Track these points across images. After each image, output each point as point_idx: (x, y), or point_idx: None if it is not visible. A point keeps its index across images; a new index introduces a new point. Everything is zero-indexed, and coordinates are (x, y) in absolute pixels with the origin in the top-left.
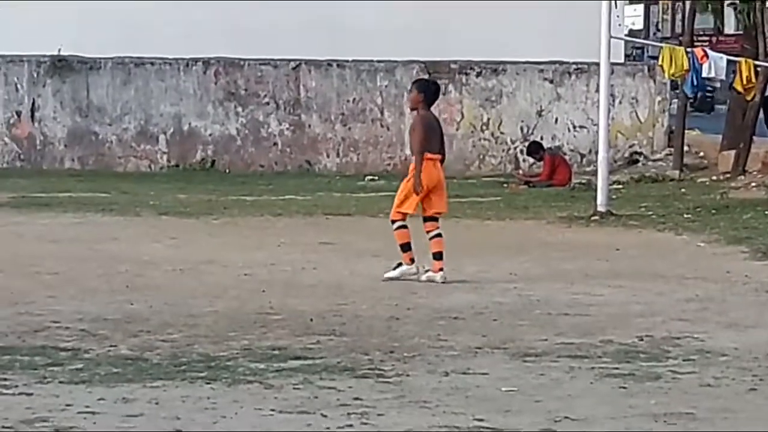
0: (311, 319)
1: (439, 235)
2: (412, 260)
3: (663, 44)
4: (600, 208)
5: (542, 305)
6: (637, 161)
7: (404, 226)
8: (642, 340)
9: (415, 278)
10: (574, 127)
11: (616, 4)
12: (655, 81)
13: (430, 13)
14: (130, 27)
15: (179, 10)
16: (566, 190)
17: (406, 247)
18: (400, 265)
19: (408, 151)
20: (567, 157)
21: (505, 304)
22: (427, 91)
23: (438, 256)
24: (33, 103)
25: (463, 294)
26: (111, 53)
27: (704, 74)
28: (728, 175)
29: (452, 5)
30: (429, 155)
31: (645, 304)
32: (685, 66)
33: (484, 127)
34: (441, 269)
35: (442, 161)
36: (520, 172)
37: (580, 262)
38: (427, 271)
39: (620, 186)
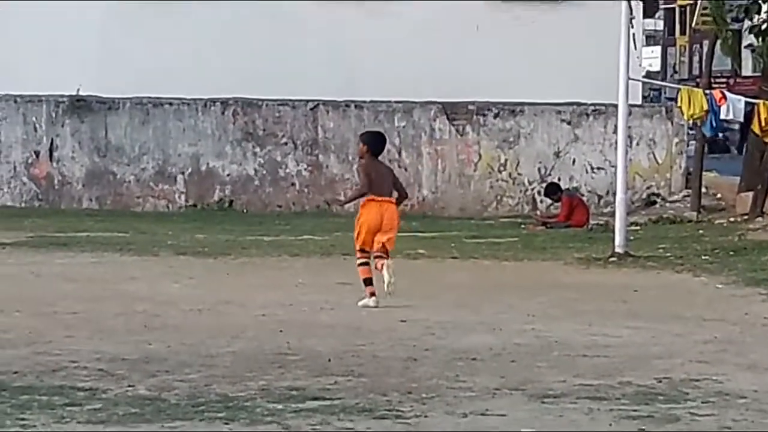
0: (329, 360)
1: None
2: (373, 294)
3: (680, 86)
4: (618, 250)
5: (560, 346)
6: (655, 203)
7: (365, 263)
8: (661, 381)
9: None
10: (592, 168)
11: (635, 45)
12: (672, 123)
13: (448, 55)
14: (149, 67)
15: (198, 51)
16: (584, 232)
17: (367, 282)
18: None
19: (426, 192)
20: (584, 199)
21: (523, 345)
22: (371, 143)
23: (368, 282)
24: (51, 143)
25: (481, 335)
26: (129, 94)
27: (722, 116)
28: (746, 217)
29: (470, 46)
30: (372, 196)
31: (663, 345)
32: (704, 107)
33: (502, 168)
34: (372, 294)
35: (398, 204)
36: (538, 213)
37: (597, 303)
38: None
39: (638, 227)
